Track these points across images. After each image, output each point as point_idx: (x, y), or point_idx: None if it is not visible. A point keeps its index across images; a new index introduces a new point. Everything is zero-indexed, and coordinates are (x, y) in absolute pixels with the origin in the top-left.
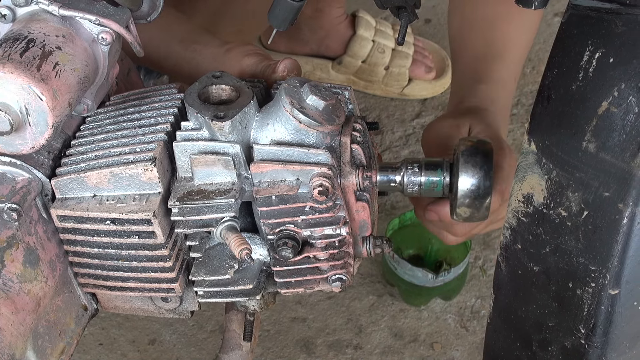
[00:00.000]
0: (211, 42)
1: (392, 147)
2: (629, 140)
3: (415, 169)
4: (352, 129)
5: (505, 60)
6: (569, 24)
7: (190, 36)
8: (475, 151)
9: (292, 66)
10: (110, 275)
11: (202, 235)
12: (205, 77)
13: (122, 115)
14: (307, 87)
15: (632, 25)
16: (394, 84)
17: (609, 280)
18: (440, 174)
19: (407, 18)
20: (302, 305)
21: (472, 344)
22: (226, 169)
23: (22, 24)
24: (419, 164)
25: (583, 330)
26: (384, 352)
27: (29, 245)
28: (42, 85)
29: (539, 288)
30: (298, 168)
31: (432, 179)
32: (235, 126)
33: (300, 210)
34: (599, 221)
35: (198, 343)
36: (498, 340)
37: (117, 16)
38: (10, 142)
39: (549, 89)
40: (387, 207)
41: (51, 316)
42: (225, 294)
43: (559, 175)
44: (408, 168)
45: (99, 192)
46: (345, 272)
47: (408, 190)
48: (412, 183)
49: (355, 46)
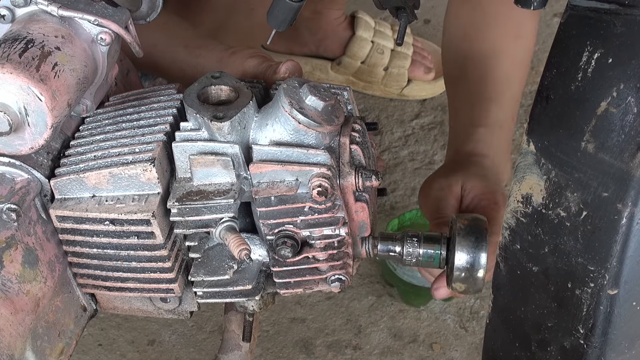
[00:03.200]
0: (216, 46)
1: (392, 148)
2: (628, 141)
3: (414, 242)
4: (351, 130)
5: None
6: (567, 25)
7: (195, 41)
8: (470, 231)
9: (294, 68)
10: (109, 276)
11: (201, 235)
12: (204, 78)
13: (121, 116)
14: (306, 88)
15: (630, 26)
16: (393, 85)
17: (608, 281)
18: (438, 248)
19: (406, 19)
20: (301, 306)
21: (472, 345)
22: (225, 170)
23: (21, 24)
24: (418, 237)
25: (582, 331)
26: (383, 352)
27: (28, 245)
28: (41, 86)
29: (538, 288)
30: (297, 168)
31: (430, 252)
32: (234, 127)
33: (299, 210)
34: (597, 221)
35: (197, 343)
36: (497, 340)
37: (116, 17)
38: (10, 142)
39: (548, 89)
40: (387, 208)
41: (50, 317)
42: (224, 295)
43: (557, 175)
44: (407, 241)
45: (98, 193)
46: (345, 272)
47: (406, 261)
48: (411, 255)
49: (355, 47)
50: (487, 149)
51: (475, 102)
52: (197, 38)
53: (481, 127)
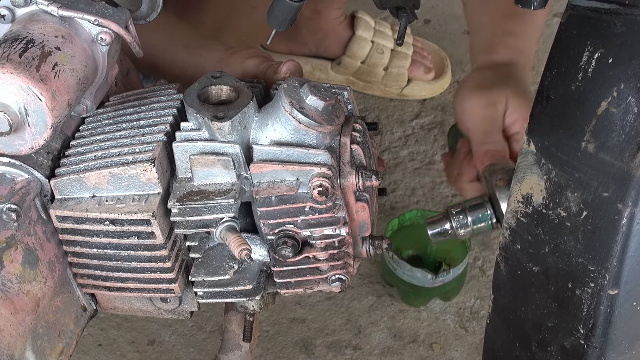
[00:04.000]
0: (216, 46)
1: (392, 148)
2: (628, 141)
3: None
4: (352, 129)
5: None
6: (568, 25)
7: (195, 42)
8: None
9: (294, 69)
10: (109, 276)
11: (202, 235)
12: (204, 78)
13: (122, 116)
14: (307, 88)
15: (631, 26)
16: (393, 85)
17: (608, 281)
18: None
19: (406, 18)
20: (301, 306)
21: (472, 345)
22: (226, 170)
23: (21, 24)
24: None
25: (582, 331)
26: (383, 352)
27: (28, 245)
28: (41, 86)
29: (538, 288)
30: (298, 168)
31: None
32: (234, 126)
33: (299, 210)
34: (598, 221)
35: (197, 344)
36: (497, 340)
37: (116, 17)
38: (10, 142)
39: (548, 89)
40: (387, 208)
41: (50, 317)
42: (224, 295)
43: (558, 175)
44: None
45: (98, 193)
46: (345, 272)
47: (460, 234)
48: (463, 226)
49: (354, 47)
50: (519, 57)
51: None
52: (197, 38)
53: (512, 36)
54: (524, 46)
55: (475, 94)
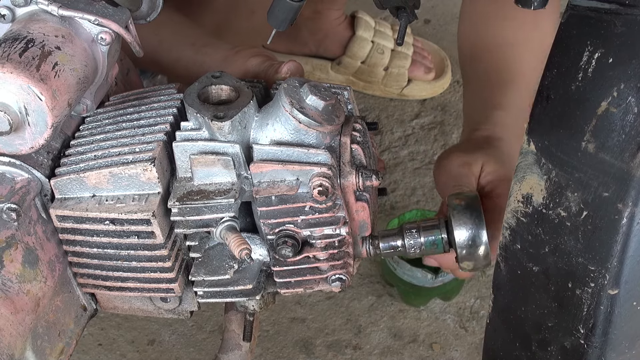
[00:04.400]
0: (221, 45)
1: (392, 148)
2: (628, 141)
3: (413, 232)
4: (352, 129)
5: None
6: (568, 25)
7: (201, 40)
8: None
9: (295, 69)
10: (109, 276)
11: (202, 235)
12: (204, 77)
13: (122, 116)
14: (307, 87)
15: (631, 26)
16: (393, 85)
17: (608, 281)
18: (438, 232)
19: (406, 18)
20: (301, 306)
21: (472, 345)
22: (226, 169)
23: (22, 24)
24: (417, 226)
25: (582, 330)
26: (383, 352)
27: (28, 245)
28: (41, 85)
29: (538, 288)
30: (298, 168)
31: (432, 239)
32: (234, 126)
33: (300, 210)
34: (598, 221)
35: (197, 343)
36: (497, 340)
37: (116, 16)
38: (10, 142)
39: (549, 89)
40: (387, 208)
41: (50, 316)
42: (224, 294)
43: (558, 175)
44: (407, 233)
45: (98, 192)
46: (345, 272)
47: (411, 253)
48: (414, 246)
49: (355, 47)
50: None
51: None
52: (203, 36)
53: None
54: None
55: (452, 154)
